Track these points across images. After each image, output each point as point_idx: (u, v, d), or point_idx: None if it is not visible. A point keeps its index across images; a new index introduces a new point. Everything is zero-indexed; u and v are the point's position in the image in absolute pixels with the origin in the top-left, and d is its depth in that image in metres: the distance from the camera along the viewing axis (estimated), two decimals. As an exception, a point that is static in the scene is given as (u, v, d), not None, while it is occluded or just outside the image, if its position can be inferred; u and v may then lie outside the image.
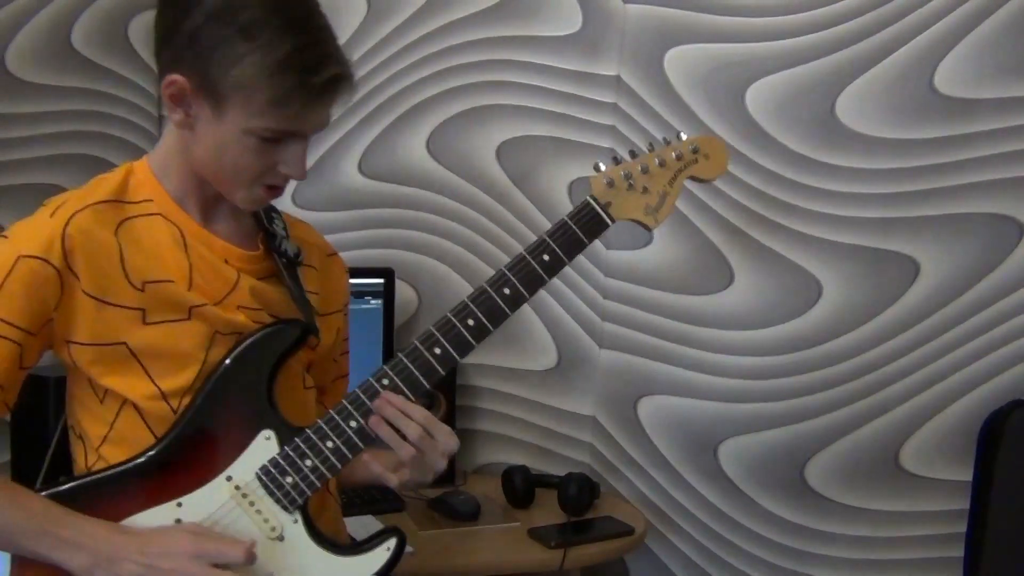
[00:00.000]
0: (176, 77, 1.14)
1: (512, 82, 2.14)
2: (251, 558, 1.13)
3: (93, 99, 2.09)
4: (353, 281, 2.08)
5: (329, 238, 2.16)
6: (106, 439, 1.20)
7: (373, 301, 2.09)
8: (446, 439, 1.24)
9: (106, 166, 2.13)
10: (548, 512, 2.01)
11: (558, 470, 2.14)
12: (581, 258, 2.14)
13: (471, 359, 2.14)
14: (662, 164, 1.32)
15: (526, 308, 2.19)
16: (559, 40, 2.10)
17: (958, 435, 1.93)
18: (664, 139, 1.35)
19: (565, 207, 2.16)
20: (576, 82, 2.10)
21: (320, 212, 2.19)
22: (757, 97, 1.96)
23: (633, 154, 1.33)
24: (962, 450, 1.92)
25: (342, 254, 1.50)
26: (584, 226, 1.29)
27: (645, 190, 1.32)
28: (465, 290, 2.20)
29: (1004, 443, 1.84)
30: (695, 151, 1.35)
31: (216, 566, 1.12)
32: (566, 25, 2.09)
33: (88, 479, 1.19)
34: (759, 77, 1.95)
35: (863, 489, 2.00)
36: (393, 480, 1.25)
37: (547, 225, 2.15)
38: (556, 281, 2.17)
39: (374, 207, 2.21)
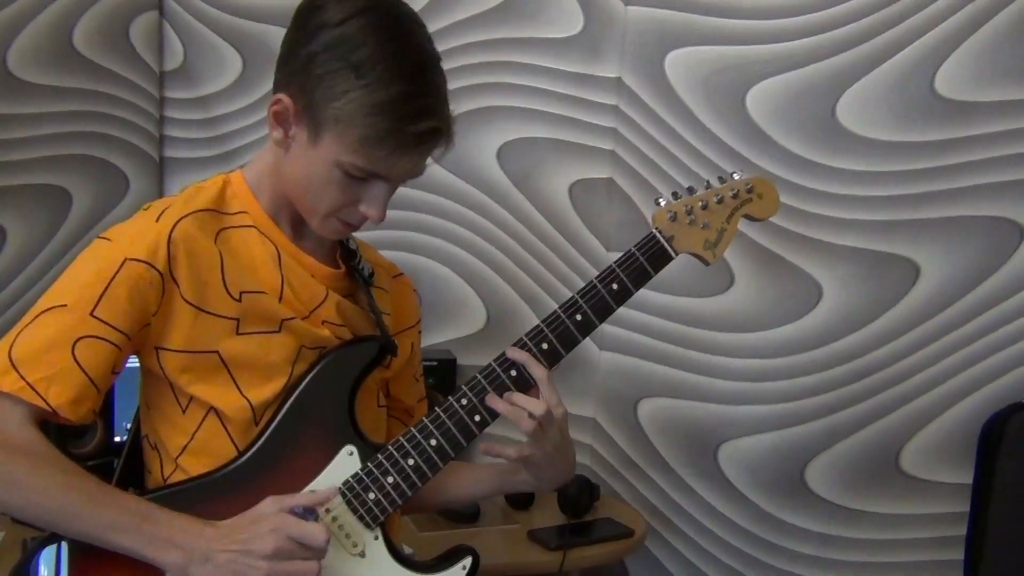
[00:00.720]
0: (283, 97, 1.16)
1: (513, 84, 2.14)
2: (324, 539, 1.12)
3: (94, 100, 2.09)
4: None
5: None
6: (186, 449, 1.19)
7: (374, 302, 2.09)
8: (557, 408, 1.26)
9: (107, 167, 2.13)
10: (548, 514, 2.01)
11: (558, 472, 2.14)
12: (581, 259, 2.16)
13: (471, 360, 2.14)
14: (720, 201, 1.36)
15: (525, 308, 2.20)
16: (560, 42, 2.10)
17: (958, 438, 1.93)
18: (719, 177, 1.40)
19: (566, 209, 2.17)
20: (577, 84, 2.10)
21: (321, 213, 2.19)
22: (758, 99, 1.96)
23: (692, 190, 1.37)
24: (962, 453, 1.92)
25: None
26: (650, 258, 1.31)
27: (706, 225, 1.36)
28: (466, 291, 2.21)
29: (1004, 446, 1.84)
30: (750, 190, 1.39)
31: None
32: (567, 27, 2.10)
33: (172, 489, 1.18)
34: (760, 80, 1.95)
35: (863, 492, 2.00)
36: (511, 452, 1.25)
37: (547, 227, 2.18)
38: (555, 282, 2.19)
39: (375, 208, 2.21)
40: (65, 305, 1.12)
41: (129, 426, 1.32)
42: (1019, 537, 1.85)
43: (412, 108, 1.13)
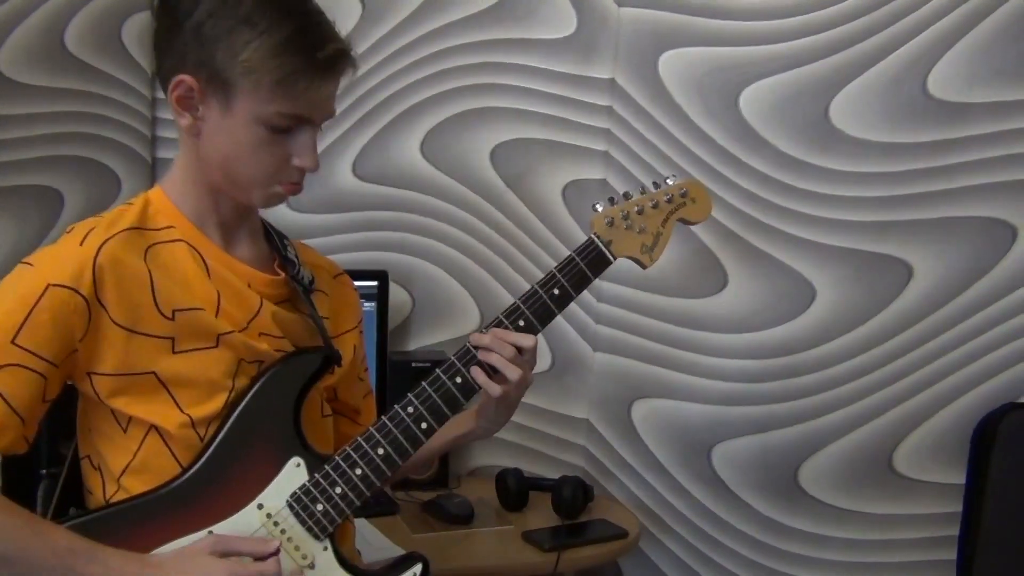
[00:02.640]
0: (183, 77, 1.15)
1: (507, 85, 2.14)
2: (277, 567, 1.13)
3: (86, 100, 2.08)
4: (347, 284, 2.10)
5: (322, 240, 2.19)
6: (128, 468, 1.18)
7: (367, 304, 2.09)
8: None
9: (100, 168, 2.12)
10: (542, 515, 2.01)
11: (552, 473, 2.14)
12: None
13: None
14: (655, 206, 1.42)
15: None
16: (554, 43, 2.10)
17: (951, 438, 1.94)
18: (654, 183, 1.44)
19: (559, 210, 2.16)
20: (571, 85, 2.10)
21: (314, 215, 2.19)
22: (751, 100, 1.96)
23: (627, 195, 1.41)
24: (955, 453, 1.93)
25: (336, 256, 1.50)
26: (590, 263, 1.35)
27: (642, 230, 1.40)
28: (459, 292, 2.21)
29: (997, 446, 1.85)
30: (684, 195, 1.44)
31: None
32: (561, 28, 2.10)
33: (114, 508, 1.17)
34: (753, 80, 1.95)
35: (856, 492, 2.00)
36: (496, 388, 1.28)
37: (541, 228, 2.18)
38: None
39: (368, 210, 2.21)
40: None
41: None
42: (1012, 537, 1.86)
43: (313, 37, 1.14)
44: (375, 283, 2.10)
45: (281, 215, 2.08)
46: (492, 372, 1.28)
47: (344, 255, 2.19)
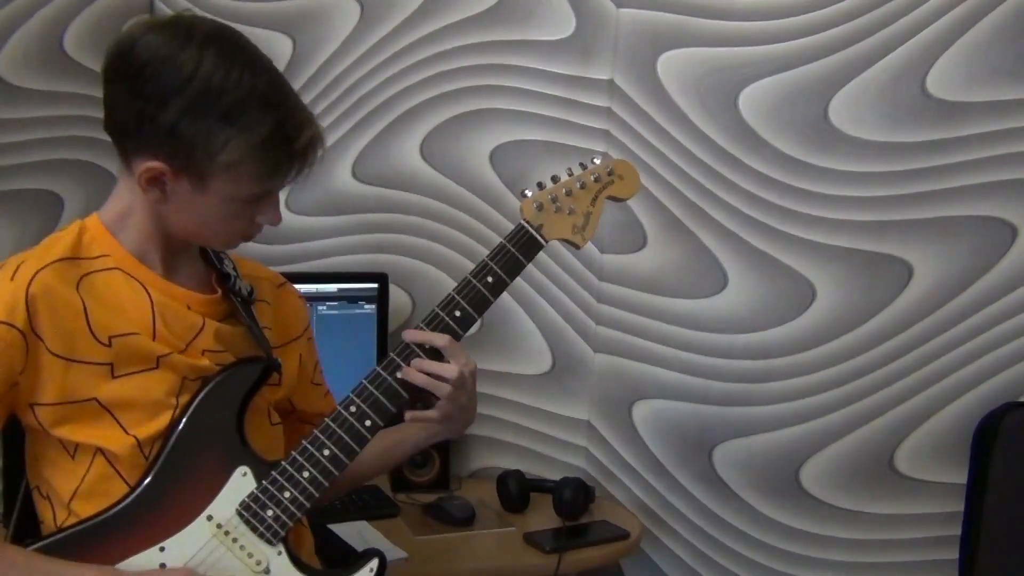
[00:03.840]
0: (153, 164, 1.15)
1: (505, 86, 2.14)
2: None
3: (85, 104, 2.08)
4: (347, 286, 2.10)
5: (323, 243, 2.19)
6: (77, 493, 1.18)
7: (367, 306, 2.09)
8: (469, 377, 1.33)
9: (99, 171, 2.12)
10: (543, 517, 2.00)
11: (553, 474, 2.14)
12: (575, 262, 2.15)
13: (465, 364, 2.13)
14: (583, 186, 1.45)
15: (519, 312, 2.20)
16: (552, 44, 2.10)
17: (952, 437, 1.94)
18: (581, 164, 1.47)
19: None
20: (569, 86, 2.10)
21: (314, 217, 2.19)
22: (750, 100, 1.96)
23: (556, 178, 1.44)
24: (956, 452, 1.93)
25: (335, 259, 1.51)
26: (521, 248, 1.38)
27: (571, 211, 1.43)
28: (459, 294, 2.21)
29: (998, 445, 1.85)
30: (611, 173, 1.47)
31: None
32: (559, 29, 2.10)
33: (65, 534, 1.17)
34: (752, 81, 1.95)
35: (858, 492, 2.00)
36: (434, 415, 1.32)
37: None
38: (550, 285, 2.19)
39: (368, 212, 2.21)
40: None
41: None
42: (1014, 536, 1.86)
43: (291, 129, 1.17)
44: (375, 285, 2.10)
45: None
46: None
47: (344, 257, 2.19)
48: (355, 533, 1.84)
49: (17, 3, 1.91)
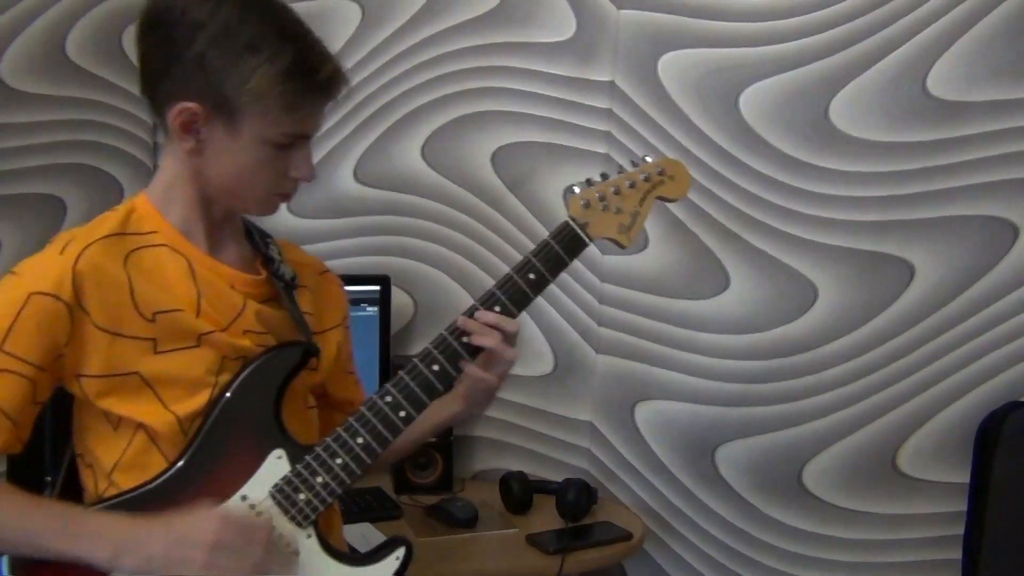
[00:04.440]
0: (186, 104, 1.18)
1: (506, 88, 2.15)
2: (268, 549, 1.17)
3: (88, 108, 2.09)
4: (349, 288, 2.09)
5: (325, 246, 2.19)
6: (118, 465, 1.22)
7: (369, 308, 2.09)
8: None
9: (101, 175, 2.13)
10: (546, 518, 2.01)
11: (556, 476, 2.14)
12: (577, 263, 2.14)
13: (468, 365, 2.13)
14: (632, 185, 1.41)
15: (521, 314, 2.19)
16: (553, 46, 2.11)
17: (955, 437, 1.93)
18: (632, 162, 1.44)
19: (560, 213, 2.15)
20: (570, 88, 2.10)
21: (316, 219, 2.19)
22: (751, 101, 1.96)
23: (605, 176, 1.42)
24: (959, 452, 1.92)
25: (337, 261, 1.52)
26: (565, 245, 1.37)
27: (619, 210, 1.41)
28: (461, 296, 2.21)
29: (1001, 445, 1.85)
30: (661, 173, 1.43)
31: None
32: (560, 31, 2.10)
33: (104, 504, 1.21)
34: (753, 81, 1.96)
35: (860, 492, 2.00)
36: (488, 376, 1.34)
37: (542, 230, 2.17)
38: (552, 286, 2.18)
39: (370, 214, 2.21)
40: None
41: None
42: (1017, 536, 1.86)
43: (312, 60, 1.20)
44: (377, 287, 2.10)
45: (283, 220, 2.09)
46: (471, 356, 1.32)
47: (346, 260, 2.20)
48: (358, 535, 1.84)
49: (20, 7, 1.92)
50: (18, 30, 1.92)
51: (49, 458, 1.51)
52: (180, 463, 1.21)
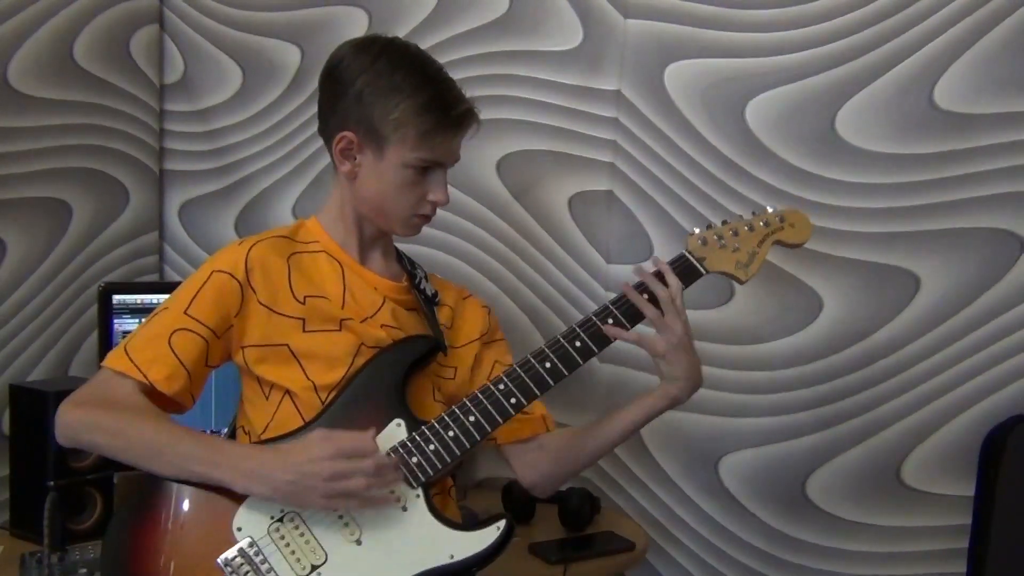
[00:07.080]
0: (345, 133, 1.44)
1: (513, 96, 2.15)
2: (374, 445, 1.33)
3: (95, 113, 2.10)
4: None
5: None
6: (268, 427, 1.43)
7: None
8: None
9: (108, 179, 2.14)
10: (549, 527, 2.00)
11: (558, 485, 2.14)
12: (581, 272, 2.16)
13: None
14: (751, 229, 1.52)
15: (526, 322, 2.20)
16: (560, 55, 2.11)
17: (960, 450, 1.93)
18: (753, 212, 1.53)
19: (565, 221, 2.17)
20: (577, 97, 2.11)
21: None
22: (757, 112, 1.96)
23: (725, 222, 1.52)
24: (964, 465, 1.92)
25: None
26: (679, 275, 1.49)
27: (736, 249, 1.51)
28: (465, 304, 2.21)
29: (1006, 458, 1.84)
30: (781, 220, 1.53)
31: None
32: (567, 40, 2.10)
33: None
34: (759, 92, 1.96)
35: (864, 504, 1.99)
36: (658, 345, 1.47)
37: (547, 239, 2.18)
38: (556, 295, 2.19)
39: (375, 221, 2.21)
40: (167, 308, 1.41)
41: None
42: (1022, 549, 1.85)
43: (448, 99, 1.45)
44: (382, 294, 2.10)
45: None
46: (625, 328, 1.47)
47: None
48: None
49: (27, 13, 1.93)
50: (26, 35, 1.93)
51: (52, 465, 1.74)
52: (313, 422, 1.40)
